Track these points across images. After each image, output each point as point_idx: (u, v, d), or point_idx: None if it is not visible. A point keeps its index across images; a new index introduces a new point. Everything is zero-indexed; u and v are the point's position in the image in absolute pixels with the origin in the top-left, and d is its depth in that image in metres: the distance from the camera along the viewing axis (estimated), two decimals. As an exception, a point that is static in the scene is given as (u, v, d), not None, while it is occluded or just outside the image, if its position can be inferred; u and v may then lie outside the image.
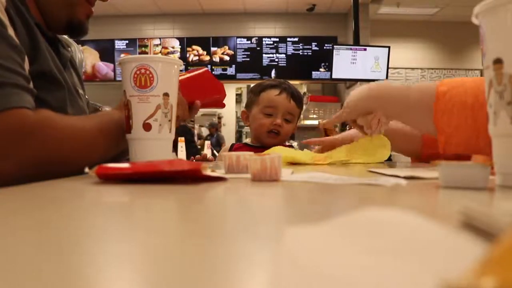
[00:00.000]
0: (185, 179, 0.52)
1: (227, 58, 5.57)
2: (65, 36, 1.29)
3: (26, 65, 0.68)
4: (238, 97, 7.35)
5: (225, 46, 5.58)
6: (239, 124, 7.14)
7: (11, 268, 0.17)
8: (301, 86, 5.75)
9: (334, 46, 4.18)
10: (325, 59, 5.26)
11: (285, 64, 5.51)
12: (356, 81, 4.68)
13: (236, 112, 7.05)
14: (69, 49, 0.99)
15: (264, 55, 5.55)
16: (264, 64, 5.53)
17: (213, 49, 5.57)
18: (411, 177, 0.56)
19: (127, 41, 5.61)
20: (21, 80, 0.64)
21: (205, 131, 6.62)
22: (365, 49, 4.19)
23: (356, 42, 4.29)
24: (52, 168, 0.62)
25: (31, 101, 0.64)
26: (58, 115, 0.67)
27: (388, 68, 4.19)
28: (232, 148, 1.51)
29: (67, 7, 0.83)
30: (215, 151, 3.31)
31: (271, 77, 5.36)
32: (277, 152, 0.69)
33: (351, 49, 4.18)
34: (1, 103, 0.59)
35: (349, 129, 1.27)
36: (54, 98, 0.75)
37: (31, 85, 0.68)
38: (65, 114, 0.74)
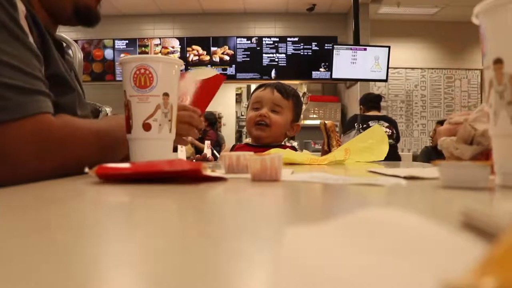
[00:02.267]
0: (185, 179, 0.52)
1: (227, 58, 5.56)
2: (66, 37, 1.29)
3: (42, 70, 0.72)
4: (238, 97, 7.32)
5: (225, 46, 5.57)
6: (239, 124, 7.11)
7: (11, 268, 0.17)
8: (301, 86, 5.74)
9: (334, 46, 4.17)
10: (325, 59, 5.25)
11: (285, 64, 5.50)
12: (356, 81, 4.67)
13: (236, 112, 7.02)
14: (69, 51, 1.00)
15: (264, 55, 5.54)
16: (264, 64, 5.53)
17: (213, 49, 5.57)
18: (411, 177, 0.56)
19: (127, 41, 5.60)
20: (43, 87, 0.68)
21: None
22: (365, 49, 4.19)
23: (356, 42, 4.28)
24: (75, 168, 0.64)
25: (51, 107, 0.69)
26: (76, 119, 0.74)
27: (388, 68, 4.18)
28: (233, 149, 1.52)
29: None
30: (215, 151, 3.31)
31: (271, 77, 5.36)
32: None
33: (351, 49, 4.17)
34: (29, 108, 0.64)
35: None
36: (65, 100, 0.77)
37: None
38: (75, 115, 0.78)
